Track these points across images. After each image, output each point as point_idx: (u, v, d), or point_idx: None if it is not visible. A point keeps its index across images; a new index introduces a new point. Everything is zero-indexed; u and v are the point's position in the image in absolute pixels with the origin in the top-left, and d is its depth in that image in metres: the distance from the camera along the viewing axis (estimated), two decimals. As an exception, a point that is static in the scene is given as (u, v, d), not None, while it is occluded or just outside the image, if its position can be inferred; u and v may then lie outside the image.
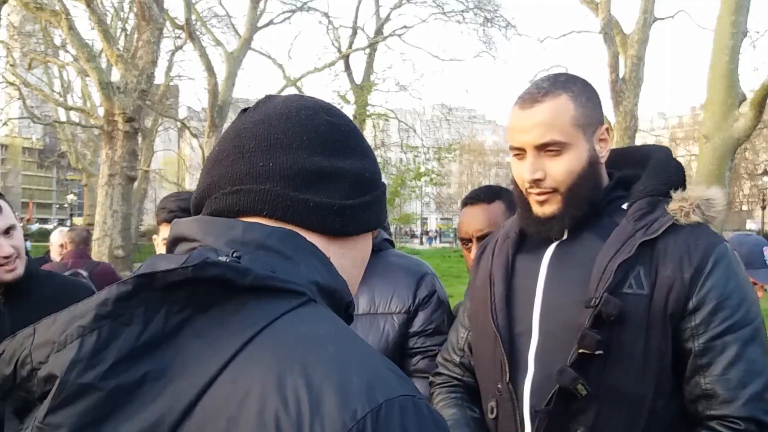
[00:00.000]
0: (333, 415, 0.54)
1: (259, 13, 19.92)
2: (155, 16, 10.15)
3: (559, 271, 1.34)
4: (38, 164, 58.04)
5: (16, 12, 18.53)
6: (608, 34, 12.98)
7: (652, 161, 1.39)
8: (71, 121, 23.50)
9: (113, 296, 0.60)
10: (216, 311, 0.62)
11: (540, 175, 1.30)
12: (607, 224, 1.33)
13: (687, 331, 1.24)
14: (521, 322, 1.35)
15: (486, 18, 22.26)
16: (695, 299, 1.23)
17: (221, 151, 0.75)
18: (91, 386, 0.57)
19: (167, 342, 0.60)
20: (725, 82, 8.71)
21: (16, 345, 0.63)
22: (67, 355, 0.58)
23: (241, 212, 0.72)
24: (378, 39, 23.00)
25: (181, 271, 0.60)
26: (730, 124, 8.62)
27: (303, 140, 0.73)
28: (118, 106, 9.80)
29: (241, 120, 0.77)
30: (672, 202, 1.31)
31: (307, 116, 0.75)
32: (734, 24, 8.71)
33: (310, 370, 0.57)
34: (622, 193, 1.38)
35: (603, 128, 1.35)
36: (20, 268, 1.76)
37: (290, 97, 0.79)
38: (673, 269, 1.24)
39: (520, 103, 1.33)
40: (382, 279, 1.80)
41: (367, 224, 0.78)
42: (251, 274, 0.62)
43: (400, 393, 0.58)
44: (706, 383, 1.22)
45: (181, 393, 0.58)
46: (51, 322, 0.62)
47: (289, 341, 0.60)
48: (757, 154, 29.75)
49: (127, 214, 10.12)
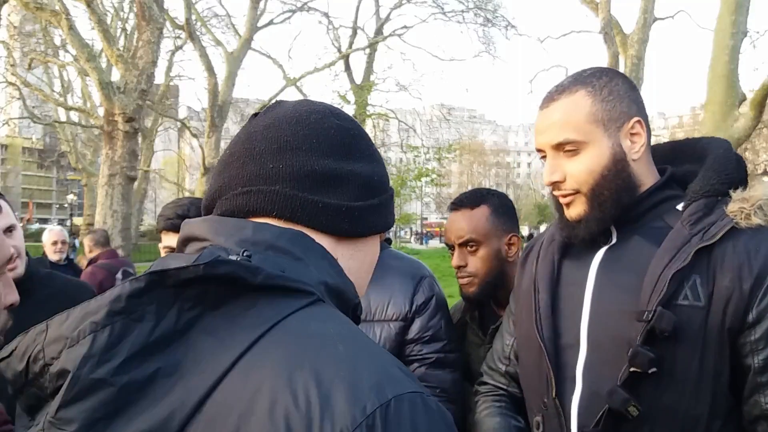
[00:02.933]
0: (343, 411, 0.55)
1: (259, 13, 19.95)
2: (155, 16, 10.15)
3: (608, 279, 1.25)
4: (38, 164, 58.20)
5: (16, 12, 18.54)
6: (608, 34, 12.98)
7: (711, 156, 1.28)
8: (71, 121, 23.52)
9: (126, 293, 0.60)
10: (227, 309, 0.62)
11: (558, 177, 1.25)
12: (661, 227, 1.23)
13: (746, 346, 1.14)
14: (568, 333, 1.27)
15: (486, 18, 22.28)
16: (755, 311, 1.13)
17: (232, 154, 0.76)
18: (103, 381, 0.58)
19: (179, 339, 0.61)
20: (725, 82, 8.71)
21: (28, 341, 0.63)
22: (80, 351, 0.59)
23: (251, 213, 0.73)
24: (378, 39, 23.00)
25: (192, 268, 0.61)
26: (730, 124, 8.63)
27: (312, 143, 0.74)
28: (118, 106, 9.80)
29: (252, 124, 0.78)
30: (732, 202, 1.20)
31: (317, 120, 0.76)
32: (734, 24, 8.71)
33: (320, 368, 0.58)
34: (676, 192, 1.28)
35: (633, 121, 1.25)
36: (20, 267, 1.77)
37: (300, 102, 0.81)
38: (732, 279, 1.13)
39: (541, 104, 1.29)
40: (378, 285, 1.73)
41: (375, 226, 0.79)
42: (262, 273, 0.63)
43: (409, 389, 0.59)
44: (766, 403, 1.13)
45: (191, 389, 0.58)
46: (64, 319, 0.62)
47: (298, 339, 0.61)
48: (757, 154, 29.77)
49: (127, 214, 10.12)
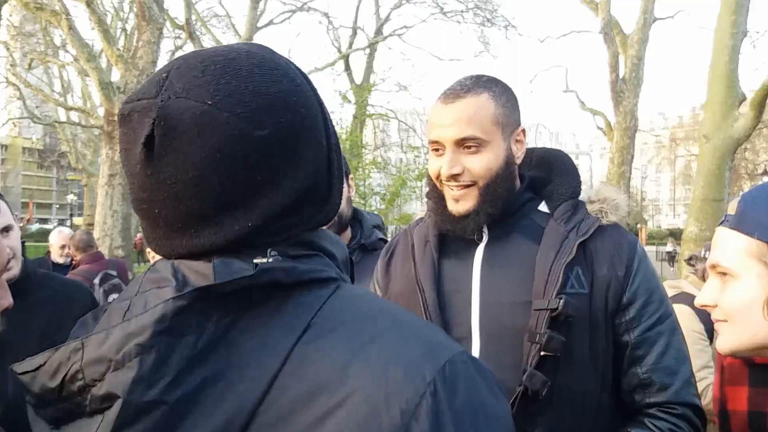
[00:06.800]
0: (405, 386, 0.57)
1: (259, 13, 19.94)
2: (155, 16, 10.15)
3: (493, 273, 1.34)
4: (38, 164, 58.12)
5: (16, 12, 18.54)
6: (608, 34, 12.99)
7: (559, 165, 1.45)
8: (71, 121, 23.51)
9: (170, 312, 0.59)
10: (260, 309, 0.62)
11: (458, 170, 1.32)
12: (530, 225, 1.37)
13: (623, 325, 1.30)
14: (459, 327, 1.33)
15: (486, 18, 22.28)
16: (628, 294, 1.30)
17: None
18: (156, 402, 0.57)
19: (218, 345, 0.60)
20: (725, 82, 8.72)
21: (61, 358, 0.61)
22: (128, 375, 0.58)
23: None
24: (378, 39, 23.00)
25: (238, 281, 0.61)
26: (730, 124, 8.63)
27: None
28: (118, 106, 9.80)
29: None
30: (591, 203, 1.39)
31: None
32: (734, 24, 8.71)
33: (370, 350, 0.60)
34: (532, 195, 1.42)
35: (520, 129, 1.37)
36: (16, 268, 1.75)
37: None
38: (608, 268, 1.30)
39: (443, 99, 1.34)
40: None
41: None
42: (296, 272, 0.64)
43: (456, 350, 0.62)
44: (643, 373, 1.29)
45: (244, 394, 0.58)
46: (103, 339, 0.60)
47: (341, 328, 0.62)
48: (757, 154, 29.76)
49: (127, 214, 10.12)
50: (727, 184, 8.89)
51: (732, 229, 1.00)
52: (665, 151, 45.20)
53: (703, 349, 2.58)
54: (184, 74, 0.65)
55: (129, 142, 0.65)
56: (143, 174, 0.65)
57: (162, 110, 0.63)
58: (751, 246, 0.96)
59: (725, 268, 0.99)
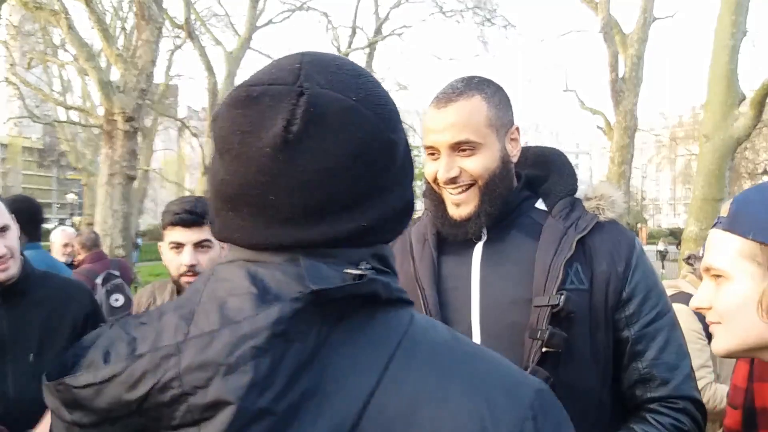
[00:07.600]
0: (509, 409, 0.59)
1: (259, 13, 19.94)
2: (154, 15, 10.14)
3: (493, 272, 1.34)
4: (38, 164, 58.12)
5: (15, 11, 18.53)
6: (608, 33, 12.98)
7: (555, 163, 1.46)
8: (71, 121, 23.50)
9: (287, 314, 0.56)
10: (348, 323, 0.60)
11: (455, 173, 1.32)
12: (528, 223, 1.37)
13: (622, 320, 1.31)
14: (459, 325, 1.33)
15: (485, 18, 22.26)
16: (627, 290, 1.31)
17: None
18: (267, 410, 0.55)
19: (317, 356, 0.58)
20: (725, 82, 8.71)
21: (147, 366, 0.56)
22: (243, 379, 0.54)
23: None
24: (377, 38, 22.99)
25: (349, 287, 0.59)
26: (730, 124, 8.62)
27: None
28: (117, 105, 9.78)
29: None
30: (589, 200, 1.40)
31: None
32: (734, 24, 8.70)
33: (464, 372, 0.61)
34: (529, 193, 1.43)
35: (514, 128, 1.38)
36: (13, 268, 1.75)
37: None
38: (608, 264, 1.31)
39: (435, 104, 1.35)
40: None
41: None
42: (391, 288, 0.64)
43: (539, 379, 0.66)
44: (643, 368, 1.30)
45: (342, 410, 0.57)
46: (206, 342, 0.56)
47: (432, 350, 0.63)
48: (757, 153, 29.70)
49: (127, 213, 10.11)
50: (727, 184, 8.88)
51: (725, 230, 1.00)
52: (665, 151, 45.13)
53: (702, 348, 2.58)
54: (320, 69, 0.64)
55: (253, 124, 0.62)
56: (272, 158, 0.61)
57: (311, 98, 0.61)
58: (744, 246, 0.96)
59: (719, 270, 1.00)
